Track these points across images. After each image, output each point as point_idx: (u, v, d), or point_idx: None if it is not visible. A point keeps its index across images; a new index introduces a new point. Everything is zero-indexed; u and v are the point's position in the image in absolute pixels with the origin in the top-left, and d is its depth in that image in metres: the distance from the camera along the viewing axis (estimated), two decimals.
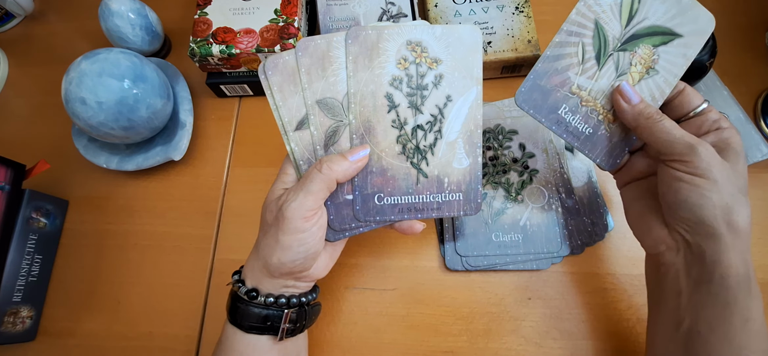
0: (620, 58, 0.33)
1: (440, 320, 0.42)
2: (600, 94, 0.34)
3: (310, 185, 0.30)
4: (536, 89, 0.34)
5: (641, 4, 0.33)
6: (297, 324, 0.33)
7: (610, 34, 0.33)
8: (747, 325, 0.27)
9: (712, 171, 0.28)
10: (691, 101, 0.33)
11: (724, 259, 0.28)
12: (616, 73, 0.34)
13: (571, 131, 0.34)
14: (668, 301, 0.31)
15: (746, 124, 0.45)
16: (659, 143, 0.31)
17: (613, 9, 0.33)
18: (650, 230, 0.32)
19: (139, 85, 0.43)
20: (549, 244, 0.42)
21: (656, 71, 0.33)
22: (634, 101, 0.32)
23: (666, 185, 0.30)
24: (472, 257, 0.42)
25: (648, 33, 0.33)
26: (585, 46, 0.33)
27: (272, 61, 0.32)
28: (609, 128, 0.34)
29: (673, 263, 0.31)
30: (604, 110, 0.34)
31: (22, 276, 0.43)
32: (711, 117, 0.32)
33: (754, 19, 0.51)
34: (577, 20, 0.33)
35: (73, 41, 0.59)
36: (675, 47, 0.33)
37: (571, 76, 0.34)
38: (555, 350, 0.40)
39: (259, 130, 0.51)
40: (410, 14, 0.50)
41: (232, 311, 0.33)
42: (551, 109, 0.34)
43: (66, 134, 0.49)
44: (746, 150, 0.44)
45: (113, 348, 0.43)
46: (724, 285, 0.28)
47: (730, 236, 0.28)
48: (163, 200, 0.49)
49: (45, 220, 0.46)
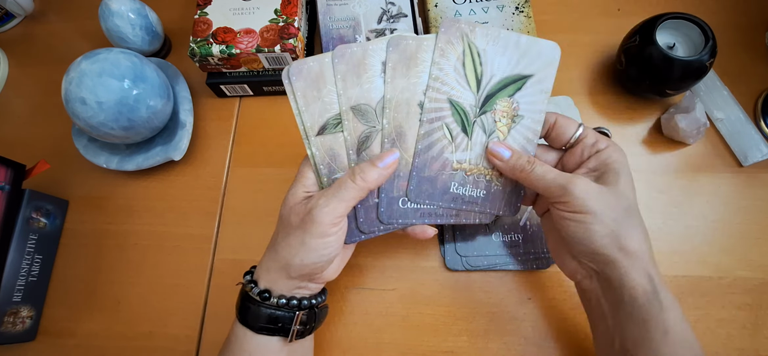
0: (484, 120, 0.34)
1: (440, 320, 0.42)
2: (479, 158, 0.35)
3: (344, 194, 0.31)
4: (423, 182, 0.34)
5: (483, 64, 0.34)
6: (307, 325, 0.33)
7: (467, 104, 0.34)
8: (667, 337, 0.28)
9: (589, 204, 0.29)
10: (565, 131, 0.34)
11: (626, 281, 0.29)
12: (486, 135, 0.34)
13: (468, 199, 0.35)
14: (598, 324, 0.33)
15: (746, 124, 0.45)
16: (538, 190, 0.32)
17: (458, 81, 0.33)
18: (565, 262, 0.34)
19: (139, 85, 0.43)
20: None
21: (521, 116, 0.34)
22: (506, 157, 0.34)
23: (558, 224, 0.32)
24: (473, 257, 0.42)
25: (500, 88, 0.34)
26: (449, 126, 0.34)
27: (297, 67, 0.32)
28: (498, 182, 0.36)
29: (592, 289, 0.32)
30: (488, 171, 0.35)
31: (22, 276, 0.43)
32: (588, 142, 0.33)
33: (754, 19, 0.51)
34: (433, 107, 0.33)
35: (73, 41, 0.59)
36: (530, 87, 0.34)
37: (448, 156, 0.34)
38: (555, 350, 0.40)
39: (259, 130, 0.51)
40: (410, 14, 0.50)
41: (242, 311, 0.33)
42: (444, 191, 0.35)
43: (66, 134, 0.49)
44: (746, 150, 0.44)
45: (113, 348, 0.43)
46: (636, 304, 0.29)
47: (626, 259, 0.29)
48: (163, 200, 0.49)
49: (45, 220, 0.46)
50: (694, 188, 0.44)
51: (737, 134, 0.45)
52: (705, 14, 0.44)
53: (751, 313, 0.40)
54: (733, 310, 0.40)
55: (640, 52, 0.43)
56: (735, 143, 0.45)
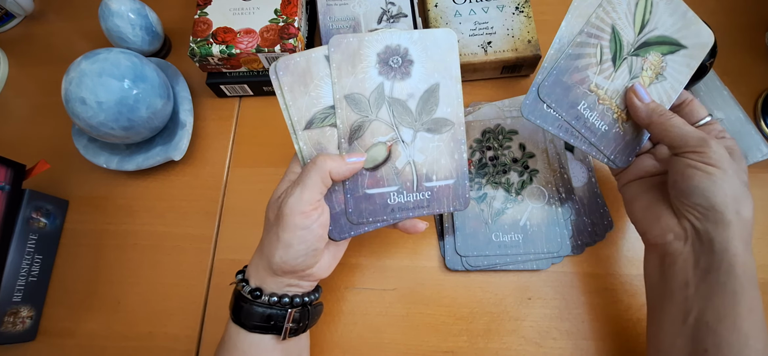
0: (633, 62, 0.36)
1: (440, 320, 0.42)
2: (615, 93, 0.36)
3: (306, 179, 0.31)
4: (558, 84, 0.35)
5: (652, 15, 0.35)
6: (300, 323, 0.33)
7: (625, 39, 0.36)
8: (752, 315, 0.28)
9: (724, 162, 0.30)
10: (696, 112, 0.35)
11: (731, 247, 0.29)
12: (630, 75, 0.36)
13: (589, 126, 0.36)
14: (675, 294, 0.31)
15: (746, 124, 0.45)
16: (673, 137, 0.32)
17: (627, 16, 0.35)
18: (659, 219, 0.33)
19: (139, 85, 0.43)
20: (549, 244, 0.42)
21: (664, 78, 0.36)
22: (647, 99, 0.35)
23: (679, 173, 0.31)
24: (472, 257, 0.42)
25: (658, 41, 0.36)
26: (603, 48, 0.35)
27: (284, 62, 0.33)
28: (622, 126, 0.37)
29: (680, 253, 0.31)
30: (619, 110, 0.36)
31: (22, 276, 0.43)
32: (715, 128, 0.34)
33: (754, 19, 0.51)
34: (597, 23, 0.35)
35: (73, 41, 0.59)
36: (681, 57, 0.36)
37: (590, 75, 0.35)
38: (555, 350, 0.40)
39: (259, 130, 0.51)
40: (410, 14, 0.50)
41: (235, 310, 0.33)
42: (572, 104, 0.36)
43: (66, 134, 0.49)
44: (746, 150, 0.44)
45: (113, 348, 0.43)
46: (732, 274, 0.28)
47: (739, 223, 0.29)
48: (163, 200, 0.49)
49: (45, 220, 0.46)
50: None
51: (737, 134, 0.45)
52: (705, 14, 0.44)
53: None
54: None
55: None
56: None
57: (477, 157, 0.46)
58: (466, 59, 0.48)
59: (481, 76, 0.51)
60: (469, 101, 0.50)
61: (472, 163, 0.46)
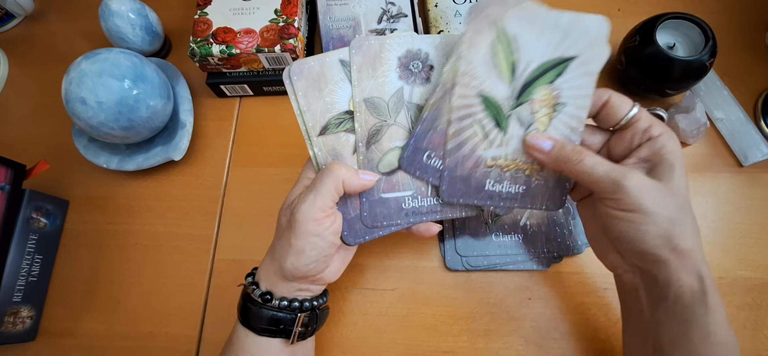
0: (521, 113, 0.32)
1: (440, 320, 0.42)
2: (517, 153, 0.33)
3: (319, 187, 0.30)
4: (456, 181, 0.33)
5: (518, 51, 0.30)
6: (308, 327, 0.33)
7: (500, 97, 0.31)
8: (708, 339, 0.27)
9: (643, 204, 0.27)
10: (618, 110, 0.31)
11: (674, 281, 0.28)
12: (523, 127, 0.32)
13: (505, 196, 0.34)
14: (634, 318, 0.32)
15: (746, 124, 0.45)
16: (586, 182, 0.30)
17: (490, 73, 0.31)
18: (606, 254, 0.33)
19: (139, 85, 0.43)
20: (549, 244, 0.42)
21: (563, 103, 0.32)
22: (547, 148, 0.31)
23: (603, 221, 0.30)
24: (473, 257, 0.42)
25: (538, 75, 0.31)
26: (481, 122, 0.32)
27: (298, 67, 0.32)
28: (540, 175, 0.34)
29: (632, 283, 0.31)
30: (528, 164, 0.33)
31: (23, 276, 0.43)
32: (641, 126, 0.30)
33: (754, 19, 0.51)
34: (462, 104, 0.31)
35: (73, 41, 0.59)
36: (574, 70, 0.31)
37: (481, 153, 0.32)
38: (555, 350, 0.40)
39: (259, 130, 0.51)
40: (410, 14, 0.50)
41: (243, 312, 0.33)
42: (478, 189, 0.33)
43: (66, 134, 0.49)
44: (746, 150, 0.44)
45: (113, 348, 0.43)
46: (680, 303, 0.28)
47: (677, 259, 0.28)
48: (163, 200, 0.49)
49: (45, 220, 0.46)
50: (694, 188, 0.44)
51: (737, 134, 0.45)
52: (705, 14, 0.44)
53: (752, 313, 0.40)
54: (733, 310, 0.40)
55: (641, 52, 0.43)
56: (735, 143, 0.45)
57: None
58: None
59: None
60: None
61: None
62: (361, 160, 0.34)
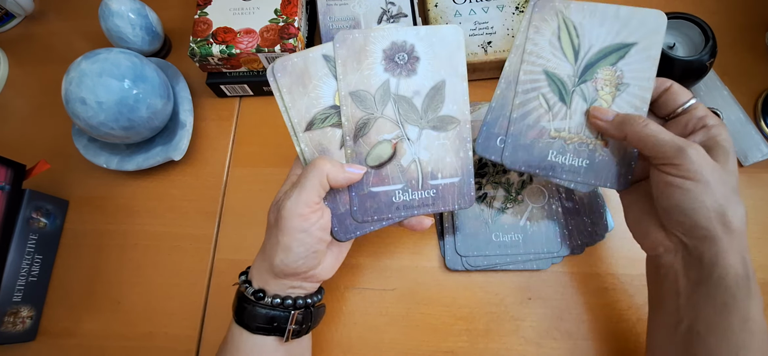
0: (584, 89, 0.34)
1: (440, 320, 0.42)
2: (580, 127, 0.34)
3: (304, 182, 0.31)
4: (519, 149, 0.34)
5: (581, 37, 0.33)
6: (303, 325, 0.33)
7: (564, 74, 0.34)
8: (746, 325, 0.27)
9: (703, 173, 0.28)
10: (677, 97, 0.33)
11: (721, 260, 0.28)
12: (587, 103, 0.34)
13: (568, 169, 0.35)
14: (667, 302, 0.31)
15: (746, 124, 0.45)
16: (648, 147, 0.30)
17: (555, 54, 0.33)
18: (648, 234, 0.32)
19: (139, 85, 0.43)
20: (549, 244, 0.42)
21: (626, 84, 0.34)
22: (609, 117, 0.33)
23: (659, 190, 0.30)
24: (473, 257, 0.42)
25: (600, 57, 0.34)
26: (545, 95, 0.34)
27: (281, 64, 0.32)
28: (604, 152, 0.35)
29: (671, 264, 0.31)
30: (592, 139, 0.34)
31: (22, 276, 0.43)
32: (697, 114, 0.31)
33: (754, 19, 0.51)
34: (527, 79, 0.33)
35: (73, 41, 0.59)
36: (635, 54, 0.34)
37: (545, 124, 0.34)
38: (555, 350, 0.40)
39: (259, 130, 0.51)
40: (410, 14, 0.50)
41: (238, 311, 0.33)
42: (541, 158, 0.34)
43: (66, 134, 0.49)
44: (746, 150, 0.44)
45: (113, 348, 0.43)
46: (722, 285, 0.28)
47: (727, 237, 0.28)
48: (163, 200, 0.49)
49: (45, 220, 0.46)
50: None
51: (737, 134, 0.45)
52: (705, 14, 0.44)
53: None
54: None
55: None
56: (735, 142, 0.45)
57: (477, 157, 0.46)
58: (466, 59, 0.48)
59: (481, 76, 0.51)
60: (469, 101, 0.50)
61: None
62: (349, 154, 0.34)
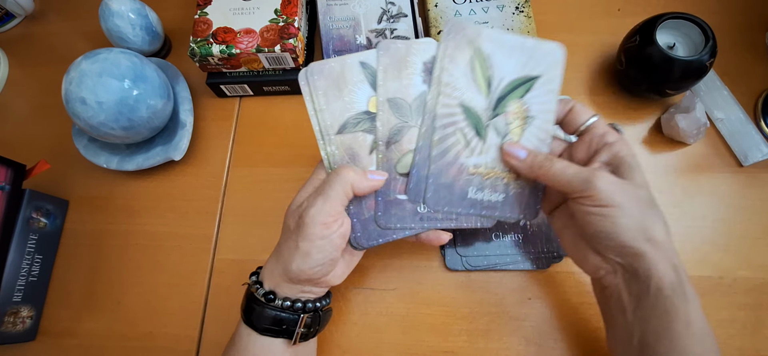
0: (497, 123, 0.34)
1: (440, 320, 0.42)
2: (495, 162, 0.35)
3: (329, 191, 0.31)
4: (441, 189, 0.34)
5: (492, 67, 0.34)
6: (311, 328, 0.33)
7: (479, 108, 0.34)
8: (690, 329, 0.28)
9: (615, 198, 0.29)
10: (578, 117, 0.34)
11: (654, 272, 0.29)
12: (500, 137, 0.34)
13: (486, 205, 0.35)
14: (617, 319, 0.32)
15: (746, 124, 0.45)
16: (558, 185, 0.32)
17: (469, 85, 0.33)
18: (586, 259, 0.33)
19: (139, 85, 0.43)
20: (549, 244, 0.42)
21: (533, 117, 0.35)
22: (522, 156, 0.34)
23: (580, 220, 0.31)
24: (473, 257, 0.42)
25: (510, 90, 0.34)
26: (463, 130, 0.34)
27: (318, 67, 0.33)
28: (517, 184, 0.35)
29: (615, 284, 0.32)
30: (505, 174, 0.35)
31: (23, 276, 0.43)
32: (598, 132, 0.33)
33: (754, 19, 0.51)
34: (446, 112, 0.33)
35: (73, 41, 0.59)
36: (539, 88, 0.34)
37: (464, 160, 0.34)
38: (555, 350, 0.40)
39: (259, 130, 0.51)
40: (410, 14, 0.50)
41: (247, 311, 0.33)
42: (461, 196, 0.35)
43: (66, 134, 0.49)
44: (746, 150, 0.44)
45: (113, 348, 0.43)
46: (661, 295, 0.29)
47: (653, 250, 0.29)
48: (163, 200, 0.49)
49: (45, 220, 0.46)
50: (694, 188, 0.44)
51: (737, 133, 0.45)
52: (705, 14, 0.44)
53: (752, 313, 0.40)
54: (733, 310, 0.40)
55: (640, 52, 0.43)
56: (735, 143, 0.45)
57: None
58: None
59: None
60: None
61: None
62: (380, 158, 0.34)
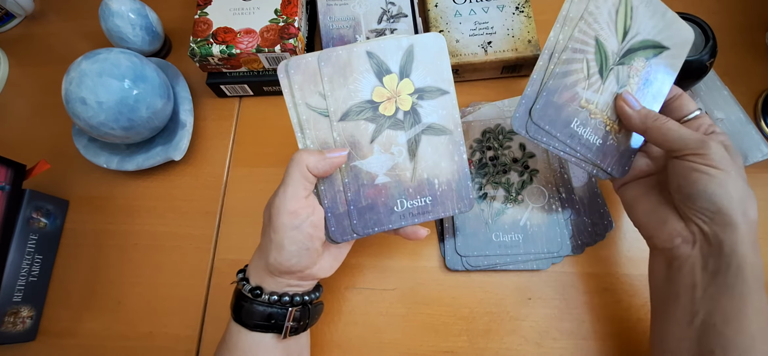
0: (620, 71, 0.35)
1: (440, 320, 0.42)
2: (606, 106, 0.36)
3: (287, 178, 0.31)
4: (550, 106, 0.35)
5: (633, 20, 0.35)
6: (300, 322, 0.34)
7: (610, 49, 0.35)
8: (759, 316, 0.28)
9: (726, 162, 0.29)
10: (686, 106, 0.35)
11: (740, 249, 0.28)
12: (618, 85, 0.35)
13: (584, 143, 0.35)
14: (681, 296, 0.31)
15: (746, 124, 0.45)
16: (670, 140, 0.32)
17: (609, 25, 0.35)
18: (664, 224, 0.32)
19: (139, 85, 0.43)
20: (549, 244, 0.42)
21: (650, 82, 0.36)
22: (637, 107, 0.34)
23: (682, 177, 0.31)
24: (473, 257, 0.42)
25: (641, 47, 0.35)
26: (589, 62, 0.35)
27: (326, 54, 0.33)
28: (616, 138, 0.36)
29: (688, 256, 0.31)
30: (611, 122, 0.36)
31: (23, 276, 0.43)
32: (705, 122, 0.33)
33: (754, 19, 0.51)
34: (580, 37, 0.34)
35: (73, 41, 0.59)
36: (664, 59, 0.36)
37: (580, 91, 0.35)
38: (555, 350, 0.40)
39: (259, 130, 0.51)
40: (410, 14, 0.50)
41: (236, 309, 0.33)
42: (565, 123, 0.35)
43: (66, 134, 0.49)
44: (746, 150, 0.44)
45: (113, 348, 0.43)
46: (741, 276, 0.28)
47: (746, 226, 0.29)
48: (163, 200, 0.49)
49: (45, 220, 0.46)
50: None
51: (737, 134, 0.45)
52: (705, 14, 0.44)
53: None
54: None
55: None
56: (735, 143, 0.45)
57: (477, 157, 0.46)
58: (466, 59, 0.48)
59: (481, 76, 0.51)
60: (469, 100, 0.50)
61: (472, 163, 0.46)
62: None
